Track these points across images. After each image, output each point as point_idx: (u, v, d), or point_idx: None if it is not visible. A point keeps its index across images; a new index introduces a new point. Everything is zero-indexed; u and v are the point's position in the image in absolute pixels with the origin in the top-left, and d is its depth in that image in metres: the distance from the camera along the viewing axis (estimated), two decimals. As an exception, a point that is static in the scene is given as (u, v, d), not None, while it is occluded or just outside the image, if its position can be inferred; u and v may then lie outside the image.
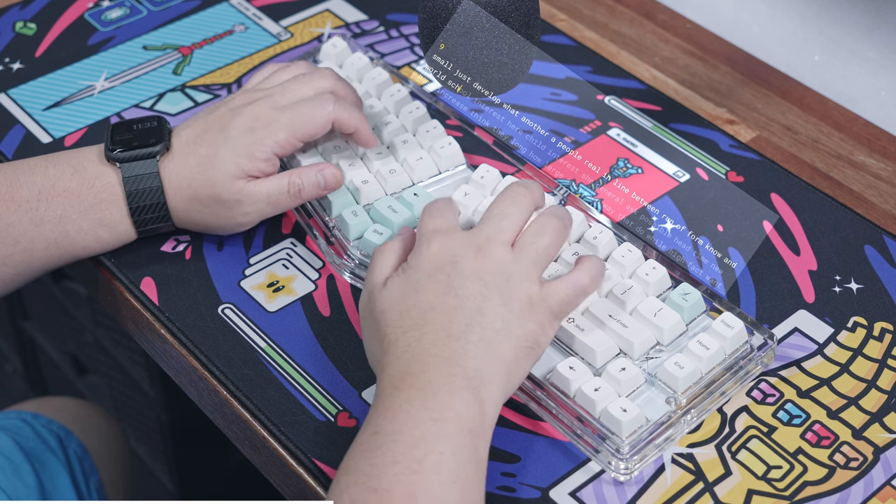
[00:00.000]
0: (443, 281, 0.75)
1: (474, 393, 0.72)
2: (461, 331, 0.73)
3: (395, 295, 0.76)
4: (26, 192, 0.87)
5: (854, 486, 0.77)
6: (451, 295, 0.74)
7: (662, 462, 0.78)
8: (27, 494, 1.03)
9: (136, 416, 1.34)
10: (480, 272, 0.75)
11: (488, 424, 0.73)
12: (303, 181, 0.88)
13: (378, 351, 0.76)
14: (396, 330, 0.74)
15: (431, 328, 0.74)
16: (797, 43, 1.11)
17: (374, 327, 0.76)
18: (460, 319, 0.74)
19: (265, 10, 1.13)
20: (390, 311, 0.75)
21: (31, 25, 1.12)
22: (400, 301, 0.75)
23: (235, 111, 0.88)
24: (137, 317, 0.89)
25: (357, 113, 0.90)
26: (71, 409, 1.18)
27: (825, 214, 0.94)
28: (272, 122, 0.87)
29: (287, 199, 0.88)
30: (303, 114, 0.88)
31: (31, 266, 0.89)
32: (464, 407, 0.71)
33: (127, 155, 0.87)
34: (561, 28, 1.12)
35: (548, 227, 0.77)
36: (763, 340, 0.83)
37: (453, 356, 0.73)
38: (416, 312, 0.74)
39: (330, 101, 0.88)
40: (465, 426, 0.71)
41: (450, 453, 0.70)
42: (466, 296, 0.74)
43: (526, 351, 0.75)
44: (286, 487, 0.82)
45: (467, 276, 0.75)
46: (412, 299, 0.75)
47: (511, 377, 0.75)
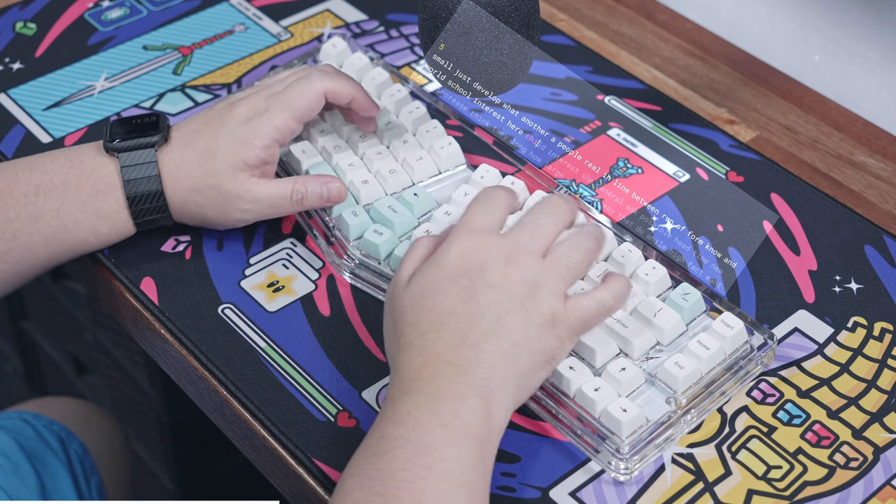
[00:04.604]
0: (466, 286, 0.74)
1: (484, 402, 0.72)
2: (477, 339, 0.73)
3: (417, 293, 0.75)
4: (24, 186, 0.87)
5: (854, 486, 0.77)
6: (472, 302, 0.73)
7: (662, 462, 0.78)
8: (28, 495, 1.03)
9: (136, 416, 1.34)
10: (506, 283, 0.74)
11: (496, 432, 0.73)
12: (307, 190, 0.88)
13: (394, 349, 0.75)
14: (413, 331, 0.74)
15: (447, 333, 0.73)
16: (797, 43, 1.11)
17: (393, 324, 0.76)
18: (478, 328, 0.73)
19: (265, 10, 1.13)
20: (409, 310, 0.75)
21: (31, 25, 1.12)
22: (420, 300, 0.74)
23: (234, 104, 0.89)
24: (137, 317, 0.89)
25: (349, 81, 0.90)
26: (72, 410, 1.18)
27: (825, 214, 0.94)
28: (267, 109, 0.88)
29: (288, 205, 0.88)
30: (294, 92, 0.88)
31: (30, 262, 0.88)
32: (472, 415, 0.71)
33: (125, 144, 0.87)
34: (561, 28, 1.12)
35: (582, 244, 0.76)
36: (763, 340, 0.83)
37: (465, 364, 0.72)
38: (434, 315, 0.74)
39: (318, 75, 0.89)
40: (472, 434, 0.71)
41: (457, 460, 0.70)
42: (488, 304, 0.73)
43: (541, 364, 0.74)
44: (286, 487, 0.82)
45: (492, 286, 0.74)
46: (432, 301, 0.74)
47: (523, 388, 0.74)
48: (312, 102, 0.89)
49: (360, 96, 0.91)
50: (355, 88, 0.90)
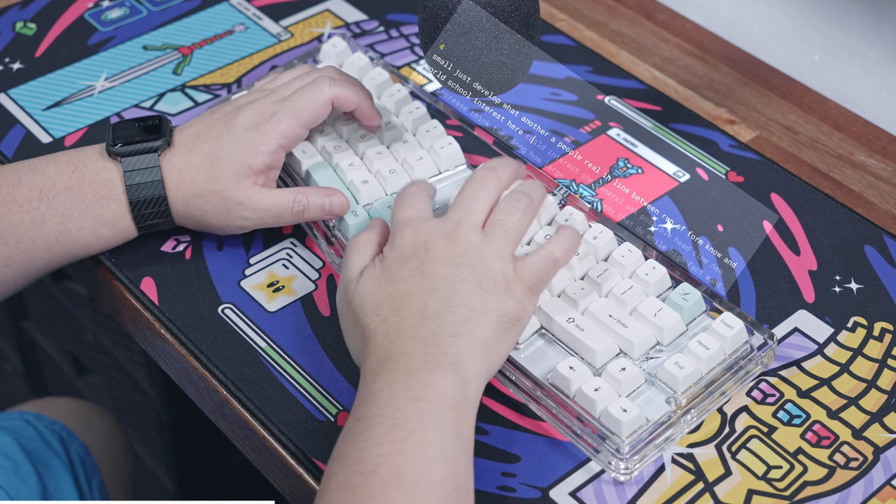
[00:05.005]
0: (416, 267, 0.76)
1: (454, 369, 0.73)
2: (437, 312, 0.74)
3: (371, 286, 0.77)
4: (27, 191, 0.87)
5: (854, 486, 0.77)
6: (425, 280, 0.75)
7: (662, 462, 0.78)
8: (29, 495, 1.03)
9: (136, 416, 1.34)
10: (452, 256, 0.76)
11: (472, 401, 0.73)
12: (308, 202, 0.88)
13: (359, 342, 0.77)
14: (375, 319, 0.75)
15: (408, 313, 0.75)
16: (797, 43, 1.11)
17: (353, 320, 0.77)
18: (435, 301, 0.75)
19: (265, 10, 1.13)
20: (367, 302, 0.76)
21: (31, 25, 1.12)
22: (376, 291, 0.76)
23: (240, 108, 0.89)
24: (137, 317, 0.89)
25: (357, 89, 0.90)
26: (73, 410, 1.18)
27: (825, 214, 0.94)
28: (275, 114, 0.88)
29: (289, 216, 0.89)
30: (302, 98, 0.88)
31: (33, 266, 0.89)
32: (444, 384, 0.72)
33: (128, 149, 0.87)
34: (561, 28, 1.12)
35: (516, 206, 0.78)
36: (763, 340, 0.83)
37: (430, 336, 0.74)
38: (393, 300, 0.75)
39: (326, 82, 0.89)
40: (446, 403, 0.71)
41: (432, 431, 0.70)
42: (441, 278, 0.75)
43: (506, 327, 0.76)
44: (286, 487, 0.82)
45: (439, 262, 0.76)
46: (388, 288, 0.76)
47: (492, 354, 0.75)
48: (320, 108, 0.89)
49: (365, 104, 0.91)
50: (362, 96, 0.90)
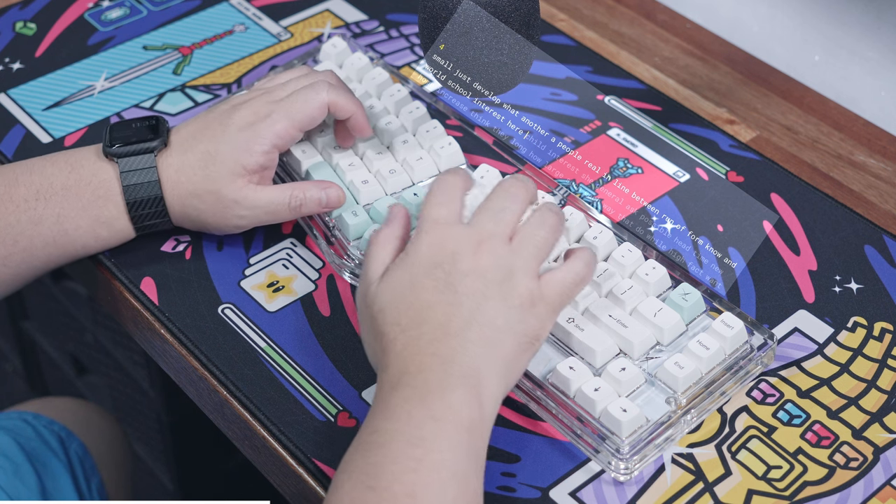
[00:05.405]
0: (441, 278, 0.74)
1: (472, 390, 0.72)
2: (459, 328, 0.73)
3: (392, 292, 0.75)
4: (24, 191, 0.87)
5: (854, 486, 0.77)
6: (449, 292, 0.74)
7: (662, 462, 0.78)
8: (28, 495, 1.03)
9: (136, 416, 1.34)
10: (480, 269, 0.75)
11: (487, 421, 0.73)
12: (305, 196, 0.88)
13: (378, 349, 0.75)
14: (395, 328, 0.74)
15: (429, 327, 0.73)
16: (797, 43, 1.11)
17: (372, 325, 0.76)
18: (459, 317, 0.73)
19: (265, 10, 1.13)
20: (388, 309, 0.75)
21: (31, 25, 1.12)
22: (397, 299, 0.75)
23: (235, 108, 0.89)
24: (137, 317, 0.89)
25: (353, 98, 0.90)
26: (72, 410, 1.18)
27: (825, 214, 0.94)
28: (270, 114, 0.88)
29: (286, 212, 0.88)
30: (298, 100, 0.88)
31: (30, 266, 0.89)
32: (461, 405, 0.71)
33: (124, 150, 0.87)
34: (561, 28, 1.12)
35: (546, 222, 0.77)
36: (763, 340, 0.83)
37: (451, 354, 0.72)
38: (414, 311, 0.74)
39: (324, 87, 0.89)
40: (462, 424, 0.71)
41: (448, 451, 0.70)
42: (465, 293, 0.74)
43: (526, 346, 0.75)
44: (286, 487, 0.82)
45: (466, 274, 0.74)
46: (409, 297, 0.74)
47: (510, 373, 0.75)
48: (315, 112, 0.89)
49: (359, 115, 0.91)
50: (357, 107, 0.90)
